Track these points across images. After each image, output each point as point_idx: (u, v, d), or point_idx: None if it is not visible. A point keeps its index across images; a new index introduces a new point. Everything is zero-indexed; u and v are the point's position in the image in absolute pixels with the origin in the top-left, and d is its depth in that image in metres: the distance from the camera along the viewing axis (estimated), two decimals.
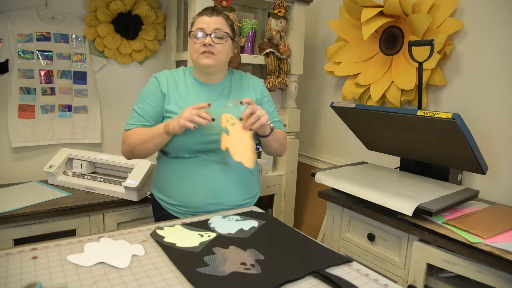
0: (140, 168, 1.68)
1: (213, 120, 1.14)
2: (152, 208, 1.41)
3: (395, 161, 1.74)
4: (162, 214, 1.32)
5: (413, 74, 1.65)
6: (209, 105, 1.16)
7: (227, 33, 1.25)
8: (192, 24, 1.28)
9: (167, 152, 1.29)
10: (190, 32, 1.26)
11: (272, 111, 1.41)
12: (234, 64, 1.81)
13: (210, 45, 1.21)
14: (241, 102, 1.18)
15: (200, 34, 1.23)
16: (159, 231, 1.03)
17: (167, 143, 1.23)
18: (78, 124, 2.03)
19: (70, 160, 1.85)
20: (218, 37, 1.23)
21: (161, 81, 1.28)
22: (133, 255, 0.89)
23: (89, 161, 1.84)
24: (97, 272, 0.81)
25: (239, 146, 1.16)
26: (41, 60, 1.89)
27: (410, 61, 1.66)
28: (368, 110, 1.50)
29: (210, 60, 1.23)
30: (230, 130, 1.17)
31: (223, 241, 0.98)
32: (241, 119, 1.18)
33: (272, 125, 1.29)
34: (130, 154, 1.28)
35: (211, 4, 1.76)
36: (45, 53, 1.90)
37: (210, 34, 1.22)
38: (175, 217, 1.28)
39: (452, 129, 1.23)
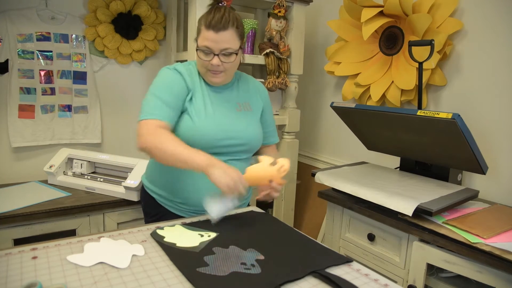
0: (140, 168, 1.68)
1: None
2: (143, 205, 1.34)
3: (395, 161, 1.74)
4: (158, 212, 1.26)
5: (413, 74, 1.65)
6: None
7: (235, 51, 1.16)
8: (199, 30, 1.17)
9: None
10: (197, 48, 1.17)
11: (271, 118, 1.40)
12: None
13: (218, 65, 1.15)
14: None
15: (206, 53, 1.15)
16: (159, 231, 1.03)
17: None
18: (78, 124, 2.03)
19: (70, 160, 1.85)
20: (226, 55, 1.15)
21: (184, 74, 1.20)
22: (133, 255, 0.89)
23: (89, 161, 1.84)
24: (97, 272, 0.81)
25: (258, 170, 1.10)
26: (41, 60, 1.89)
27: (410, 61, 1.66)
28: (368, 110, 1.50)
29: (218, 78, 1.19)
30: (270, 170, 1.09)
31: (223, 241, 0.98)
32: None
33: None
34: (147, 152, 1.10)
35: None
36: (45, 53, 1.90)
37: (217, 54, 1.14)
38: (173, 214, 1.24)
39: (452, 129, 1.23)
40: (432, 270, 1.26)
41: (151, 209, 1.30)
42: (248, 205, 1.38)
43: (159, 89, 1.16)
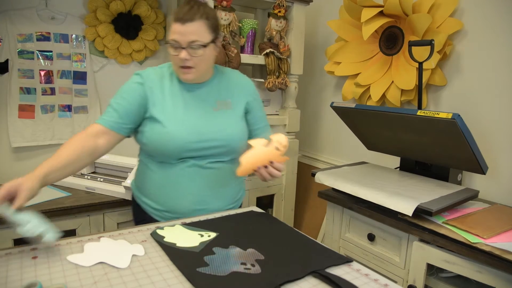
0: None
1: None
2: (132, 210, 1.34)
3: (395, 161, 1.74)
4: (143, 218, 1.23)
5: (413, 74, 1.65)
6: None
7: (204, 44, 1.11)
8: (170, 25, 1.14)
9: (152, 156, 1.20)
10: (166, 42, 1.14)
11: (262, 114, 1.34)
12: (234, 64, 1.81)
13: (187, 59, 1.11)
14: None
15: (175, 46, 1.11)
16: (159, 231, 1.03)
17: (151, 150, 1.17)
18: (78, 124, 2.03)
19: None
20: (194, 48, 1.10)
21: (145, 79, 1.18)
22: (133, 255, 0.89)
23: None
24: (97, 272, 0.81)
25: (255, 158, 1.06)
26: (41, 60, 1.89)
27: (410, 61, 1.66)
28: (368, 110, 1.50)
29: (189, 75, 1.15)
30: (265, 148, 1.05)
31: (223, 241, 0.98)
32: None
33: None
34: None
35: (212, 3, 1.76)
36: (45, 53, 1.90)
37: (185, 48, 1.10)
38: (157, 222, 1.18)
39: (452, 129, 1.23)
40: (432, 270, 1.26)
41: (136, 214, 1.29)
42: (240, 206, 1.34)
43: (115, 95, 1.21)
